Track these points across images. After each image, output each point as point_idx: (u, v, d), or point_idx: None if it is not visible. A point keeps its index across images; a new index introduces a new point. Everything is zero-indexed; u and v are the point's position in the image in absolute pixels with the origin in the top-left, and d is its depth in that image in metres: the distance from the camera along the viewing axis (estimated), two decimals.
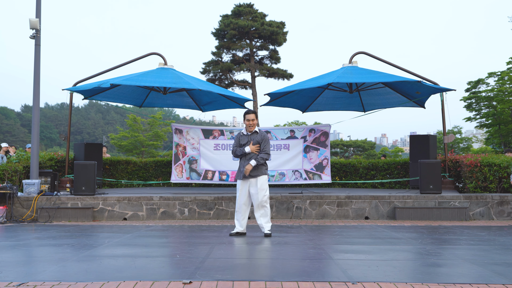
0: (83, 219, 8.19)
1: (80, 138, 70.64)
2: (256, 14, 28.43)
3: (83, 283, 3.56)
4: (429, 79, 9.70)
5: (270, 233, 6.11)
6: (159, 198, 8.47)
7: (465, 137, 40.06)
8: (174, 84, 9.26)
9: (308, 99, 11.59)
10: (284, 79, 28.90)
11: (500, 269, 4.02)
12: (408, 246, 5.39)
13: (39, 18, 9.03)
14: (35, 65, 9.09)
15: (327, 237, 6.11)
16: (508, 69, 26.07)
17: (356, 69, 9.80)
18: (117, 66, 10.69)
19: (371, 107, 11.75)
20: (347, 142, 45.10)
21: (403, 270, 4.05)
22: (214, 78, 28.87)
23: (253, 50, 28.51)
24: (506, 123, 26.97)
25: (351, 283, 3.51)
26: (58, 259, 4.54)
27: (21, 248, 5.25)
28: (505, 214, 8.26)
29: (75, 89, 9.84)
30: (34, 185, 8.50)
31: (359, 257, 4.60)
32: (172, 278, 3.69)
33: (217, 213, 8.46)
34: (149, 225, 7.56)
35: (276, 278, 3.67)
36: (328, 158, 9.77)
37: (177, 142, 10.03)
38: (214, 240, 5.75)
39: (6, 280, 3.67)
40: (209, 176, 9.94)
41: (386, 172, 11.45)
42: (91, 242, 5.67)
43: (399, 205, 8.30)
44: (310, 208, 8.43)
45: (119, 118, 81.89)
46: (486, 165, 8.97)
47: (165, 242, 5.81)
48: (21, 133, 65.59)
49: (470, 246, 5.32)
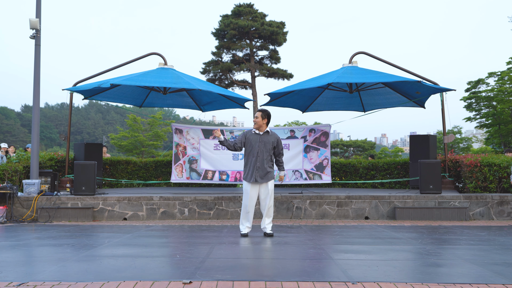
0: (83, 219, 8.19)
1: (80, 138, 70.66)
2: (256, 14, 28.43)
3: (83, 283, 3.57)
4: (429, 79, 9.71)
5: (272, 233, 6.05)
6: (159, 198, 8.47)
7: (465, 137, 40.05)
8: (174, 84, 9.26)
9: (308, 99, 11.59)
10: (284, 79, 28.91)
11: (500, 269, 4.02)
12: (408, 246, 5.39)
13: (39, 18, 9.03)
14: (35, 65, 9.09)
15: (327, 237, 6.11)
16: (508, 69, 26.07)
17: (356, 69, 9.80)
18: (117, 66, 10.69)
19: (371, 107, 11.75)
20: (347, 142, 45.08)
21: (403, 270, 4.06)
22: (214, 78, 28.88)
23: (253, 50, 28.51)
24: (506, 123, 26.97)
25: (351, 283, 3.52)
26: (58, 259, 4.54)
27: (21, 248, 5.25)
28: (505, 214, 8.26)
29: (75, 89, 9.84)
30: (34, 185, 8.50)
31: (359, 257, 4.60)
32: (172, 278, 3.70)
33: (217, 213, 8.46)
34: (149, 225, 7.56)
35: (276, 278, 3.67)
36: (328, 158, 9.77)
37: (177, 142, 10.04)
38: (214, 240, 5.75)
39: (6, 280, 3.67)
40: (209, 176, 9.95)
41: (386, 172, 11.46)
42: (91, 242, 5.67)
43: (399, 205, 8.30)
44: (310, 208, 8.43)
45: (119, 118, 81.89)
46: (486, 165, 8.97)
47: (165, 242, 5.82)
48: (21, 133, 65.58)
49: (470, 246, 5.32)
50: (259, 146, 5.91)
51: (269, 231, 6.05)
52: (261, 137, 5.94)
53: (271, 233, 6.04)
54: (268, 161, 5.96)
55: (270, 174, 5.96)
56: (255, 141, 5.93)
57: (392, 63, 10.29)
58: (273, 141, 5.97)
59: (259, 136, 5.94)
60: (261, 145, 5.92)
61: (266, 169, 5.92)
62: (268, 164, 5.96)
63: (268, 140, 5.96)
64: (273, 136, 6.00)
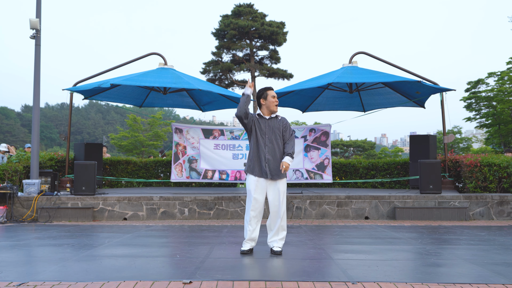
0: (83, 219, 8.19)
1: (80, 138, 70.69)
2: (256, 14, 28.45)
3: (83, 283, 3.57)
4: (428, 79, 9.71)
5: (280, 251, 4.76)
6: (159, 198, 8.47)
7: (465, 137, 40.06)
8: (174, 84, 9.26)
9: (308, 99, 11.59)
10: (284, 79, 28.93)
11: (500, 269, 4.02)
12: (408, 246, 5.39)
13: (39, 18, 9.04)
14: (35, 65, 9.09)
15: (327, 237, 6.11)
16: (508, 69, 26.06)
17: (356, 69, 9.80)
18: (117, 66, 10.70)
19: (371, 107, 11.75)
20: (347, 142, 45.12)
21: (403, 270, 4.06)
22: (214, 78, 28.90)
23: (253, 50, 28.52)
24: (506, 123, 26.96)
25: (351, 283, 3.52)
26: (58, 259, 4.54)
27: (21, 248, 5.25)
28: (505, 214, 8.26)
29: (75, 89, 9.84)
30: (34, 185, 8.50)
31: (359, 257, 4.60)
32: (172, 278, 3.70)
33: (217, 213, 8.46)
34: (149, 225, 7.56)
35: (276, 278, 3.67)
36: (329, 157, 9.78)
37: (177, 142, 10.04)
38: (214, 240, 5.75)
39: (6, 280, 3.67)
40: (209, 175, 9.95)
41: (386, 172, 11.46)
42: (91, 242, 5.68)
43: (399, 205, 8.30)
44: (310, 208, 8.43)
45: (119, 118, 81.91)
46: (486, 165, 8.97)
47: (165, 242, 5.81)
48: (21, 133, 65.59)
49: (470, 246, 5.32)
50: (269, 132, 4.75)
51: (278, 249, 4.75)
52: (269, 122, 4.78)
53: (279, 251, 4.75)
54: (282, 153, 4.76)
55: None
56: (266, 127, 4.76)
57: (392, 63, 10.30)
58: (281, 126, 4.80)
59: (267, 121, 4.78)
60: (270, 132, 4.75)
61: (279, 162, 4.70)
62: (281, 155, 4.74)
63: (278, 125, 4.78)
64: (282, 121, 4.83)
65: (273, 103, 4.75)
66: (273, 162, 4.69)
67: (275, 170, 4.68)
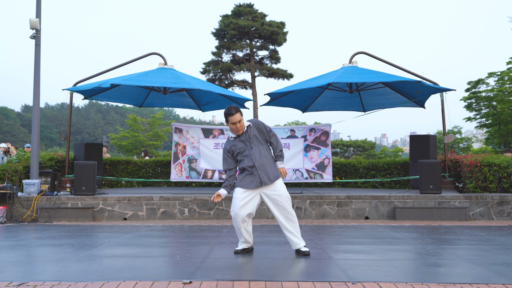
0: (83, 219, 8.19)
1: (80, 138, 70.69)
2: (256, 14, 28.43)
3: (83, 283, 3.57)
4: (429, 79, 9.71)
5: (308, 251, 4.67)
6: (159, 198, 8.47)
7: (465, 137, 40.05)
8: (174, 84, 9.26)
9: (308, 99, 11.59)
10: (284, 79, 28.90)
11: (500, 269, 4.02)
12: (408, 246, 5.39)
13: (39, 18, 9.04)
14: (35, 65, 9.09)
15: (327, 237, 6.11)
16: (508, 69, 26.06)
17: (356, 69, 9.80)
18: (117, 66, 10.70)
19: (371, 107, 11.76)
20: (347, 142, 45.12)
21: (403, 270, 4.05)
22: (214, 78, 28.88)
23: (253, 50, 28.51)
24: (506, 123, 26.97)
25: (351, 283, 3.51)
26: (58, 259, 4.54)
27: (21, 248, 5.25)
28: (505, 214, 8.26)
29: (75, 89, 9.85)
30: (34, 185, 8.50)
31: (359, 257, 4.60)
32: (172, 278, 3.70)
33: (217, 213, 8.46)
34: (149, 225, 7.56)
35: (276, 278, 3.67)
36: (329, 157, 9.77)
37: (177, 141, 10.04)
38: (214, 240, 5.75)
39: (6, 280, 3.67)
40: (209, 175, 9.94)
41: (386, 172, 11.46)
42: (91, 242, 5.67)
43: (399, 205, 8.30)
44: (310, 208, 8.43)
45: (119, 118, 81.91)
46: (486, 165, 8.97)
47: (165, 242, 5.81)
48: (21, 133, 65.60)
49: (470, 246, 5.32)
50: (247, 143, 4.62)
51: (305, 249, 4.69)
52: (243, 137, 4.63)
53: (307, 251, 4.67)
54: (269, 156, 4.68)
55: (275, 169, 4.67)
56: (243, 146, 4.62)
57: (392, 63, 10.30)
58: (255, 133, 4.63)
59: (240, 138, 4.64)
60: (248, 142, 4.61)
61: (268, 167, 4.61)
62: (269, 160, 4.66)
63: (253, 133, 4.61)
64: (252, 128, 4.63)
65: (234, 130, 4.58)
66: (266, 164, 4.60)
67: (265, 174, 4.58)
